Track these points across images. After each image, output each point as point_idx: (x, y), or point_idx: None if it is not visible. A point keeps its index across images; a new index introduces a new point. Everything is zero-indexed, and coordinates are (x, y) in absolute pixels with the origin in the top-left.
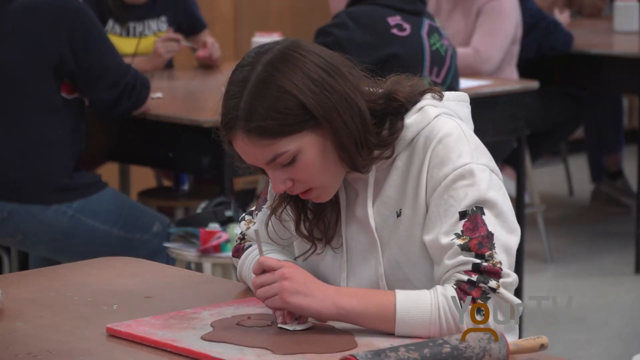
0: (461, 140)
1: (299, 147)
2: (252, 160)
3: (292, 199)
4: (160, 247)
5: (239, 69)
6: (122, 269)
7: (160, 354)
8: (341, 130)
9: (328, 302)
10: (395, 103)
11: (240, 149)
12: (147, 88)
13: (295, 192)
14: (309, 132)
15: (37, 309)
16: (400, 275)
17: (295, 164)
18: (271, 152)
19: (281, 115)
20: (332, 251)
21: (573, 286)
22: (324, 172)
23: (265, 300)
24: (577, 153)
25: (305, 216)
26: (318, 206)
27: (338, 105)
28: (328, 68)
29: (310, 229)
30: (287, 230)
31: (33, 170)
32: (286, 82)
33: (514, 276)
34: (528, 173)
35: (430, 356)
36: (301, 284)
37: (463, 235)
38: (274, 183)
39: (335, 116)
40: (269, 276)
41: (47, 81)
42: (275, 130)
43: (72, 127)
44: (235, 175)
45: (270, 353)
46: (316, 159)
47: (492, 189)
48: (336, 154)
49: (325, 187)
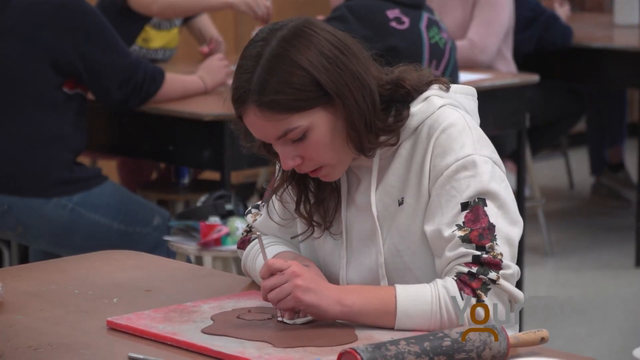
0: (465, 131)
1: (310, 123)
2: (262, 135)
3: (294, 179)
4: (161, 240)
5: (253, 44)
6: (122, 263)
7: (161, 347)
8: (353, 109)
9: (332, 300)
10: (402, 90)
11: (250, 124)
12: (156, 82)
13: (304, 170)
14: (320, 109)
15: (38, 302)
16: (400, 264)
17: (305, 141)
18: (282, 127)
19: (294, 90)
20: (331, 237)
21: (573, 279)
22: (333, 151)
23: (278, 302)
24: (578, 146)
25: (306, 197)
26: (319, 189)
27: (350, 83)
28: (341, 46)
29: (310, 211)
30: (287, 211)
31: (33, 163)
32: (300, 57)
33: (515, 268)
34: (528, 167)
35: (430, 349)
36: (311, 281)
37: (464, 227)
38: (283, 159)
39: (347, 94)
40: (279, 277)
41: (48, 78)
42: (287, 105)
43: (73, 122)
44: (235, 168)
45: (271, 346)
46: (326, 137)
47: (494, 180)
48: (345, 133)
49: (333, 166)
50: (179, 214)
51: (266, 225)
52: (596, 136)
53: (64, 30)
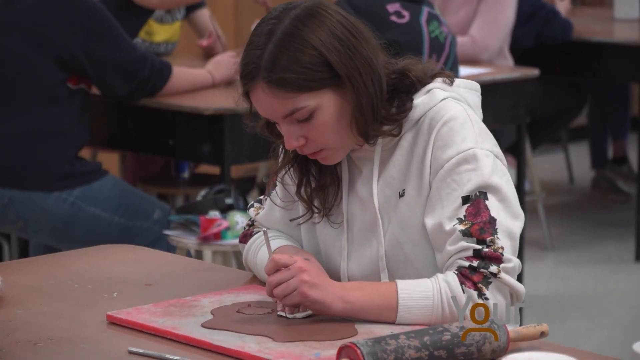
0: (466, 124)
1: (318, 103)
2: (269, 112)
3: (296, 161)
4: (161, 234)
5: (265, 22)
6: (122, 257)
7: (161, 341)
8: (362, 92)
9: (336, 296)
10: (407, 80)
11: (258, 100)
12: (162, 77)
13: (306, 151)
14: (329, 91)
15: (38, 296)
16: (401, 256)
17: (311, 121)
18: (290, 106)
19: (305, 69)
20: (331, 227)
21: (573, 274)
22: (337, 133)
23: (284, 298)
24: (578, 141)
25: (307, 181)
26: (320, 174)
27: (360, 66)
28: (353, 30)
29: (310, 195)
30: (288, 193)
31: (35, 157)
32: (312, 37)
33: (516, 261)
34: (528, 161)
35: (430, 344)
36: (317, 277)
37: (465, 221)
38: (287, 138)
39: (357, 77)
40: (286, 273)
41: (52, 73)
42: (297, 84)
43: (76, 117)
44: (235, 162)
45: (271, 341)
46: (332, 119)
47: (496, 174)
48: (350, 117)
49: (334, 149)
50: (179, 208)
51: (269, 219)
52: (598, 130)
53: (69, 26)
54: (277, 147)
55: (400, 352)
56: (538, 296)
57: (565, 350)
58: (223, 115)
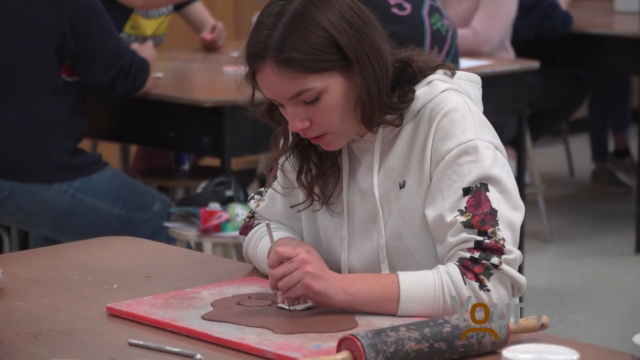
0: (467, 116)
1: (325, 86)
2: (275, 93)
3: (297, 148)
4: (161, 226)
5: (274, 3)
6: (122, 249)
7: (161, 333)
8: (369, 76)
9: (338, 288)
10: (410, 70)
11: (265, 80)
12: (144, 72)
13: (309, 134)
14: (337, 74)
15: (38, 288)
16: (401, 247)
17: (317, 104)
18: (298, 87)
19: (314, 50)
20: (332, 217)
21: (573, 266)
22: (342, 118)
23: (288, 290)
24: (578, 133)
25: (307, 168)
26: (321, 162)
27: (369, 51)
28: (362, 14)
29: (310, 182)
30: (287, 180)
31: (34, 149)
32: (323, 19)
33: (518, 252)
34: (529, 153)
35: (430, 335)
36: (320, 269)
37: (466, 212)
38: (292, 120)
39: (365, 61)
40: (289, 265)
41: (49, 62)
42: (305, 65)
43: (74, 109)
44: (235, 155)
45: (271, 332)
46: (338, 102)
47: (496, 165)
48: (355, 103)
49: (337, 134)
50: (179, 200)
51: (269, 211)
52: (598, 122)
53: (59, 8)
54: (277, 133)
55: (400, 344)
56: (538, 288)
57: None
58: (223, 107)
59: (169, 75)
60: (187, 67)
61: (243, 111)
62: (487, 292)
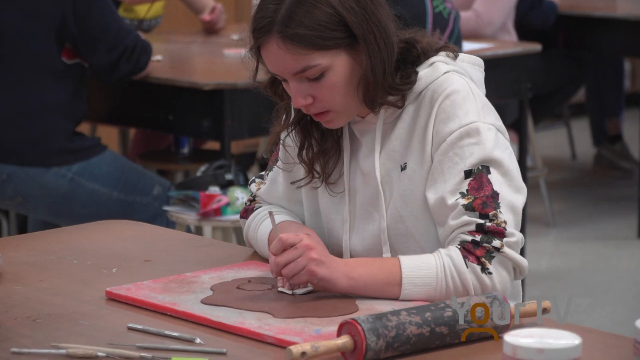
0: (469, 97)
1: (330, 63)
2: (280, 68)
3: (299, 124)
4: (160, 210)
5: None
6: (121, 232)
7: (160, 317)
8: (375, 55)
9: (341, 273)
10: (414, 51)
11: (269, 55)
12: (147, 53)
13: (312, 111)
14: (343, 51)
15: (36, 272)
16: (402, 229)
17: (321, 81)
18: (303, 63)
19: (321, 27)
20: (330, 197)
21: (575, 250)
22: (345, 96)
23: (292, 277)
24: (580, 116)
25: (309, 144)
26: (322, 139)
27: (375, 29)
28: None
29: (311, 158)
30: (288, 155)
31: (33, 133)
32: None
33: (519, 235)
34: (530, 137)
35: (432, 320)
36: (323, 254)
37: (468, 195)
38: (295, 96)
39: (372, 39)
40: (293, 252)
41: (49, 45)
42: (312, 42)
43: (73, 92)
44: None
45: (271, 317)
46: (342, 80)
47: (498, 148)
48: (358, 82)
49: (338, 113)
50: (179, 184)
51: (270, 195)
52: (595, 107)
53: None
54: (279, 108)
55: (401, 329)
56: (540, 273)
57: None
58: (223, 90)
59: (169, 58)
60: (186, 50)
61: (243, 94)
62: (489, 275)
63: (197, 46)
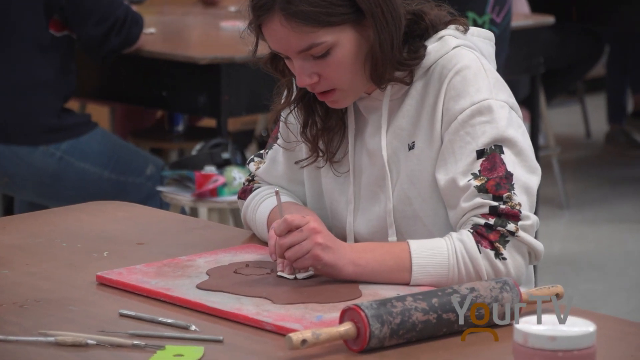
0: (480, 73)
1: (336, 40)
2: (284, 46)
3: (302, 101)
4: (154, 190)
5: None
6: (113, 214)
7: (153, 303)
8: (382, 30)
9: (347, 260)
10: (422, 24)
11: (272, 34)
12: (138, 25)
13: (317, 89)
14: (349, 27)
15: (24, 256)
16: (409, 212)
17: (327, 58)
18: (308, 41)
19: (326, 3)
20: (335, 176)
21: (590, 233)
22: (352, 73)
23: (295, 261)
24: (595, 93)
25: (313, 121)
26: (326, 116)
27: (382, 3)
28: None
29: (315, 135)
30: (290, 133)
31: (20, 110)
32: None
33: (534, 218)
34: (543, 114)
35: (439, 306)
36: (329, 239)
37: (480, 176)
38: (299, 75)
39: (379, 14)
40: (298, 234)
41: (36, 17)
42: (317, 19)
43: (61, 66)
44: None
45: (270, 303)
46: (349, 57)
47: (512, 126)
48: (366, 57)
49: (345, 91)
50: (173, 163)
51: (270, 175)
52: (617, 82)
53: None
54: (280, 85)
55: (407, 315)
56: (552, 256)
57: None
58: (219, 64)
59: (162, 31)
60: (181, 22)
61: (240, 69)
62: (503, 260)
63: (192, 18)
